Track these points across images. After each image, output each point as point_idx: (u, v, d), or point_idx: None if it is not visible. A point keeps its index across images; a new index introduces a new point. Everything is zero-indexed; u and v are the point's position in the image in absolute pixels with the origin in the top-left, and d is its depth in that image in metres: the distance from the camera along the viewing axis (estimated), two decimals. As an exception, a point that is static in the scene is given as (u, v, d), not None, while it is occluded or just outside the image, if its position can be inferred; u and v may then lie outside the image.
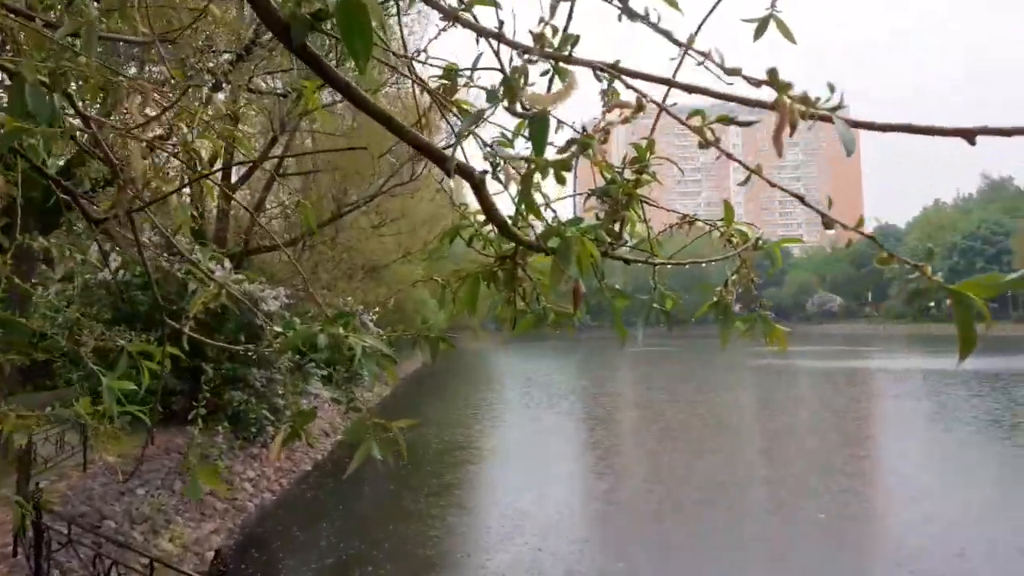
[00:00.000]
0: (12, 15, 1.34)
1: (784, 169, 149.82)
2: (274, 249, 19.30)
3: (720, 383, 37.23)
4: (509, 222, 1.24)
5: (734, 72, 0.97)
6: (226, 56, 10.27)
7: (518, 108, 0.90)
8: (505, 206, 1.35)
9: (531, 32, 0.94)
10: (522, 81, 0.92)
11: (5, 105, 1.24)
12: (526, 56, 0.93)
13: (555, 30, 0.94)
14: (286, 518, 13.99)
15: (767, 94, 0.93)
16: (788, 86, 0.90)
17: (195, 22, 1.99)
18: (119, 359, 1.70)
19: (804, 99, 0.90)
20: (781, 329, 1.71)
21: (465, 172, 1.04)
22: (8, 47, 1.82)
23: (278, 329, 1.73)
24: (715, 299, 1.79)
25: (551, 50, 0.94)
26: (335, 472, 18.05)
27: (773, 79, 0.91)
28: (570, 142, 0.87)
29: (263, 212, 20.69)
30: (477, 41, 1.08)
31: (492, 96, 0.91)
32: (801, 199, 1.06)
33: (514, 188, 1.03)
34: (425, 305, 38.87)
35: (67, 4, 1.48)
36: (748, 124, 1.02)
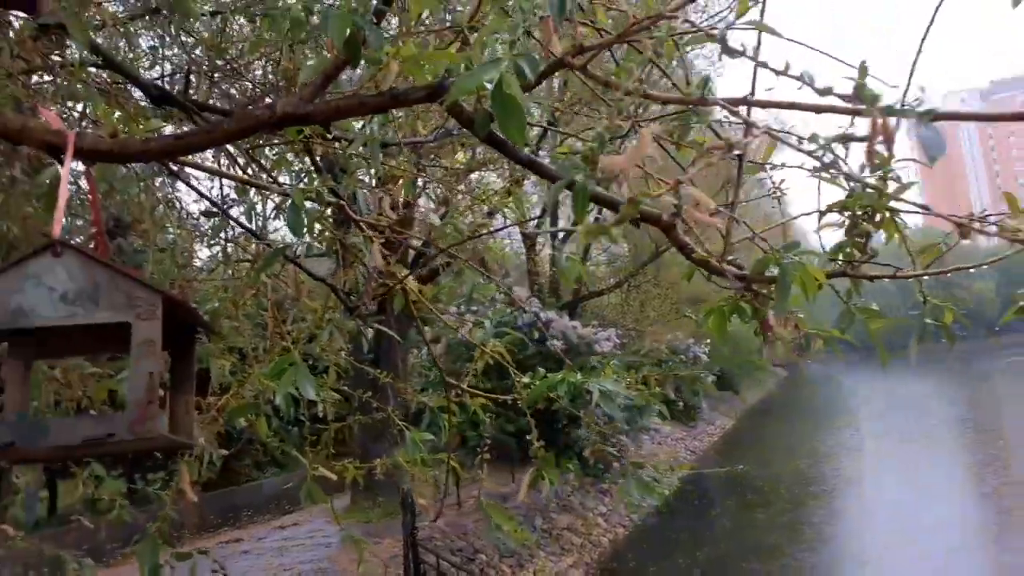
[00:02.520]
0: (317, 138, 1.73)
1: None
2: (602, 294, 20.13)
3: None
4: (710, 259, 1.24)
5: (827, 92, 0.90)
6: (536, 131, 11.17)
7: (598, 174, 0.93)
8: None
9: (639, 80, 0.97)
10: (601, 147, 0.94)
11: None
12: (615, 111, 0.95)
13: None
14: (639, 552, 14.23)
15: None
16: (876, 98, 0.84)
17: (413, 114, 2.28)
18: (423, 415, 2.00)
19: (889, 111, 0.83)
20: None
21: (651, 217, 1.08)
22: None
23: (526, 380, 1.88)
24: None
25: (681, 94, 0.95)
26: (683, 507, 17.93)
27: (861, 93, 0.84)
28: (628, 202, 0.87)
29: (590, 260, 21.74)
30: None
31: (575, 168, 0.95)
32: None
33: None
34: (756, 333, 37.19)
35: (368, 123, 1.83)
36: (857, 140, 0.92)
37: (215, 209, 2.43)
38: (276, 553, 10.87)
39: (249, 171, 2.67)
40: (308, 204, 1.68)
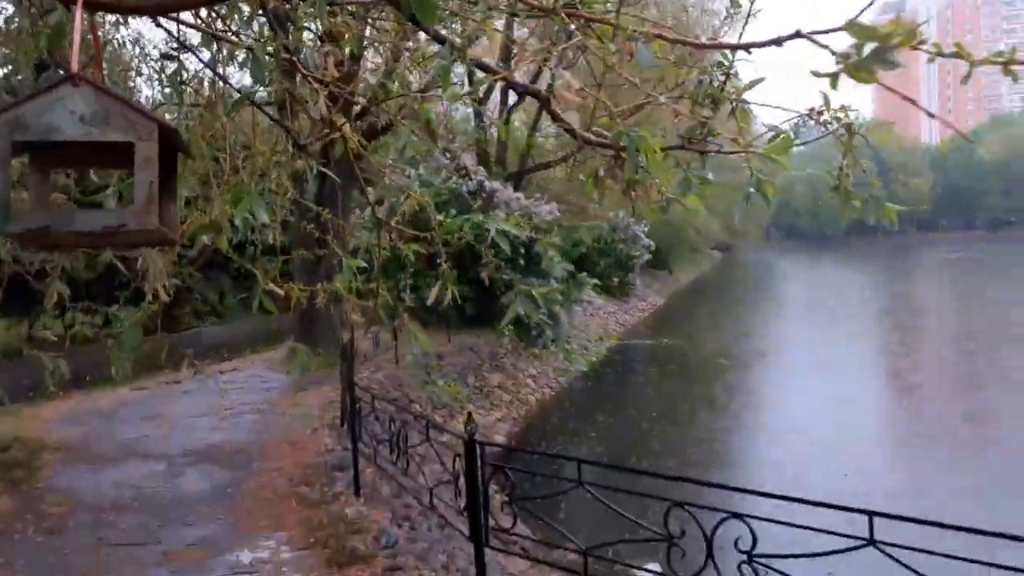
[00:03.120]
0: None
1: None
2: (547, 167, 20.29)
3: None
4: (576, 128, 1.59)
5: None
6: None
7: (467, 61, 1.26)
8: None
9: None
10: (469, 43, 1.27)
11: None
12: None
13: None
14: (562, 411, 15.27)
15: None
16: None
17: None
18: (357, 250, 2.36)
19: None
20: (892, 208, 1.84)
21: (532, 92, 1.42)
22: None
23: (440, 217, 2.24)
24: (835, 184, 1.96)
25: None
26: (609, 373, 19.14)
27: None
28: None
29: (539, 131, 21.71)
30: None
31: (451, 52, 1.27)
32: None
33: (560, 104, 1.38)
34: (695, 214, 38.00)
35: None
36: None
37: (174, 52, 2.64)
38: (216, 394, 11.39)
39: (202, 15, 2.85)
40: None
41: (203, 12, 2.68)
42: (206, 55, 2.14)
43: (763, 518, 3.01)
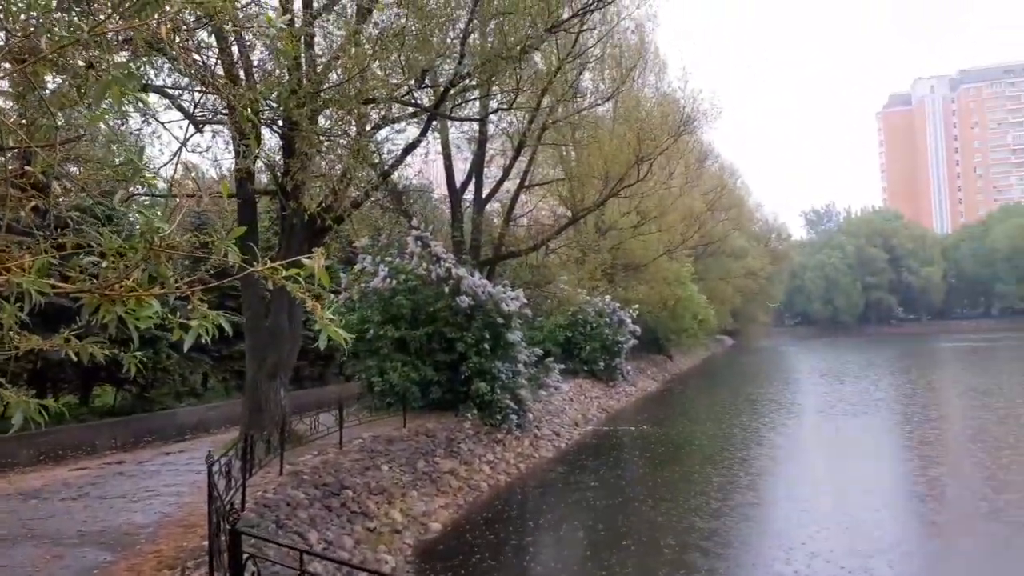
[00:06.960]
0: None
1: None
2: (517, 255, 20.81)
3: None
4: None
5: None
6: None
7: None
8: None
9: None
10: None
11: None
12: None
13: None
14: (513, 500, 15.18)
15: None
16: None
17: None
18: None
19: None
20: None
21: None
22: None
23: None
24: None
25: None
26: (575, 462, 18.95)
27: None
28: None
29: (513, 222, 22.36)
30: None
31: None
32: None
33: None
34: (693, 301, 38.32)
35: None
36: None
37: None
38: (149, 476, 11.64)
39: None
40: None
41: None
42: None
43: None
